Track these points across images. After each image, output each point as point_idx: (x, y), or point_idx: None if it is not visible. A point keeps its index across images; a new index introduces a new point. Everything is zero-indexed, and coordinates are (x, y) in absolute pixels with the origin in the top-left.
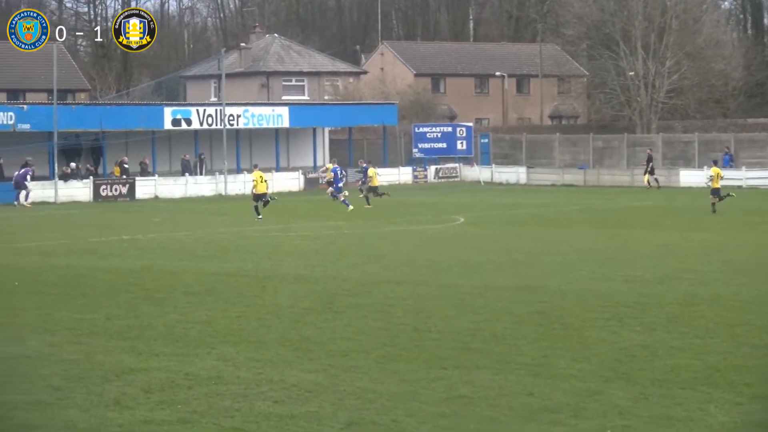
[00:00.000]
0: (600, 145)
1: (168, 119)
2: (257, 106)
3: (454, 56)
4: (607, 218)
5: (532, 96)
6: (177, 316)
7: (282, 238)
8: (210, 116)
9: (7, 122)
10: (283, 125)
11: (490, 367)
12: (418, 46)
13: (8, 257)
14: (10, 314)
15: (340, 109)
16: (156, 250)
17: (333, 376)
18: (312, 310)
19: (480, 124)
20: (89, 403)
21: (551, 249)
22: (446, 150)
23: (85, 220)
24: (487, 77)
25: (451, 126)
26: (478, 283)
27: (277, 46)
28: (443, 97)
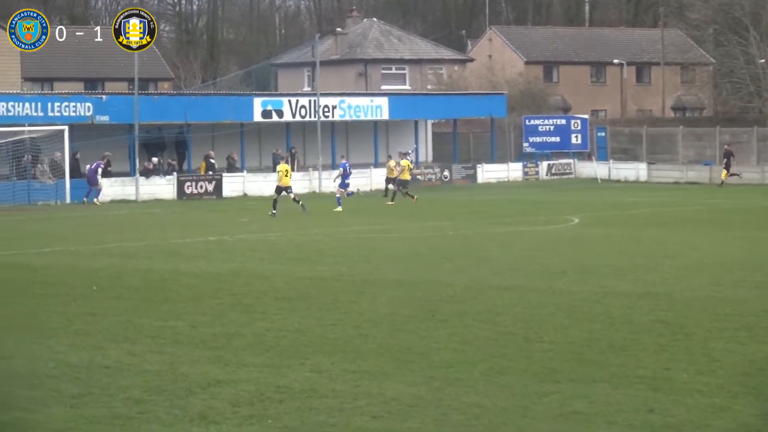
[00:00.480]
0: (727, 140)
1: (258, 110)
2: (354, 96)
3: (569, 42)
4: (736, 219)
5: (653, 86)
6: (267, 323)
7: (380, 240)
8: (303, 107)
9: (84, 113)
10: (382, 117)
11: (607, 381)
12: (529, 31)
13: (86, 260)
14: (88, 321)
15: (443, 99)
16: (244, 253)
17: (436, 389)
18: (413, 318)
19: (596, 117)
20: (172, 418)
21: (674, 252)
22: (559, 144)
23: (168, 219)
24: (604, 65)
25: (565, 118)
26: (594, 289)
27: (376, 32)
28: (556, 86)
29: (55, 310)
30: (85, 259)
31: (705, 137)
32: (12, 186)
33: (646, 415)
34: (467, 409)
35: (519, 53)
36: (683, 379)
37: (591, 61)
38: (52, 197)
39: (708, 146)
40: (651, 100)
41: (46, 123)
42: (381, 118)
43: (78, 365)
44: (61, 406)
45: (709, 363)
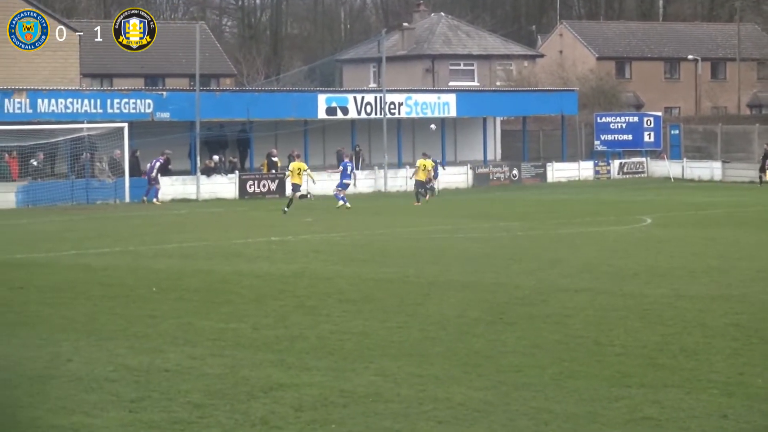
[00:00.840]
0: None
1: (322, 107)
2: (421, 93)
3: (641, 37)
4: None
5: (728, 82)
6: (331, 326)
7: (448, 240)
8: (368, 104)
9: (144, 110)
10: (449, 114)
11: (680, 386)
12: (600, 26)
13: (145, 261)
14: (148, 323)
15: (513, 96)
16: (308, 254)
17: (504, 394)
18: (481, 321)
19: (670, 114)
20: (233, 422)
21: (749, 254)
22: (632, 142)
23: (229, 219)
24: (678, 61)
25: (638, 116)
26: (666, 291)
27: (444, 27)
28: (629, 83)
29: (114, 312)
30: (145, 260)
31: None
32: (71, 184)
33: (719, 420)
34: (536, 414)
35: (590, 49)
36: (758, 384)
37: (664, 56)
38: (111, 196)
39: None
40: (726, 97)
41: (106, 120)
42: (449, 115)
43: (137, 368)
44: (120, 410)
45: None
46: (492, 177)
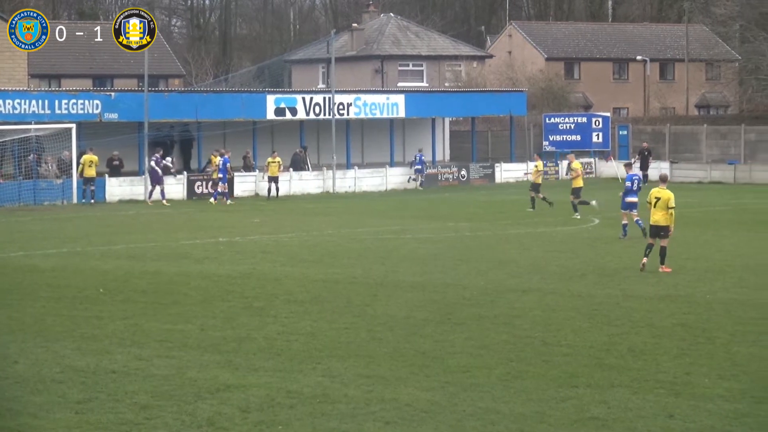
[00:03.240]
0: (753, 138)
1: (271, 108)
2: (370, 93)
3: (591, 38)
4: (761, 219)
5: (676, 83)
6: (279, 327)
7: (396, 241)
8: (317, 105)
9: (93, 111)
10: (398, 115)
11: (627, 386)
12: (550, 27)
13: (93, 262)
14: (95, 325)
15: (462, 97)
16: (256, 254)
17: (451, 394)
18: (429, 322)
19: (618, 115)
20: (180, 424)
21: (696, 254)
22: (580, 143)
23: (178, 220)
24: (627, 62)
25: (586, 116)
26: (614, 291)
27: (393, 27)
28: (577, 83)
29: (62, 314)
30: (93, 261)
31: (730, 136)
32: (18, 185)
33: (665, 420)
34: (483, 414)
35: (540, 49)
36: (704, 384)
37: (613, 57)
38: (59, 197)
39: (733, 145)
40: (674, 98)
41: (54, 121)
42: (398, 116)
43: (84, 370)
44: (67, 411)
45: (731, 367)
46: (441, 177)
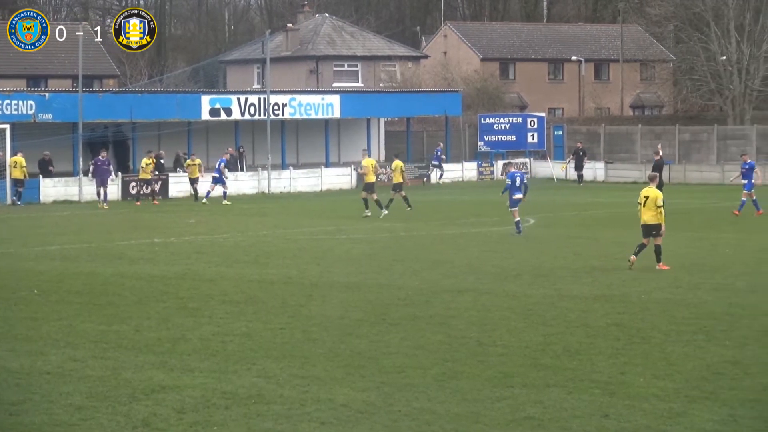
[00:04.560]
0: (687, 138)
1: (206, 109)
2: (305, 94)
3: (526, 38)
4: (695, 219)
5: (611, 83)
6: (214, 327)
7: (331, 242)
8: (252, 105)
9: (27, 112)
10: (333, 115)
11: (562, 386)
12: (485, 27)
13: (27, 263)
14: (29, 326)
15: (397, 97)
16: (191, 255)
17: (387, 395)
18: (364, 322)
19: (553, 115)
20: (115, 425)
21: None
22: (515, 143)
23: (112, 220)
24: (562, 62)
25: (521, 116)
26: (549, 291)
27: (328, 28)
28: (513, 84)
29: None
30: (27, 262)
31: (664, 136)
32: None
33: (600, 420)
34: (418, 415)
35: (475, 50)
36: (639, 384)
37: (548, 57)
38: None
39: (667, 145)
40: (609, 98)
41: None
42: (333, 116)
43: (18, 371)
44: (1, 413)
45: (666, 367)
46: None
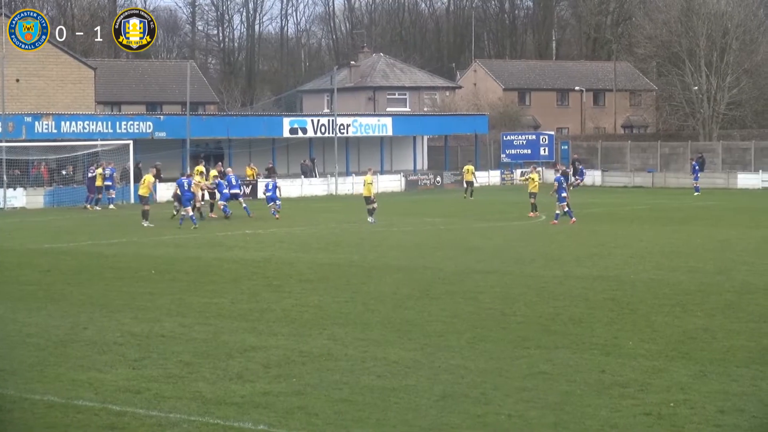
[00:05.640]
0: (667, 152)
1: (286, 128)
2: (365, 116)
3: (539, 73)
4: (673, 216)
5: (607, 108)
6: (293, 300)
7: (386, 233)
8: (323, 125)
9: (146, 130)
10: (387, 134)
11: (568, 347)
12: (506, 63)
13: (147, 249)
14: (148, 299)
15: (437, 119)
16: (275, 243)
17: (429, 354)
18: (411, 297)
19: (561, 133)
20: (215, 377)
21: (623, 243)
22: (530, 155)
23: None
24: (568, 91)
25: (535, 134)
26: (558, 273)
27: (383, 64)
28: (528, 108)
29: (122, 290)
30: (146, 248)
31: (648, 150)
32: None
33: (598, 375)
34: (454, 369)
35: (498, 81)
36: (629, 346)
37: (557, 88)
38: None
39: (651, 157)
40: (605, 120)
41: (115, 138)
42: (386, 134)
43: (139, 334)
44: (126, 367)
45: (650, 333)
46: (420, 183)
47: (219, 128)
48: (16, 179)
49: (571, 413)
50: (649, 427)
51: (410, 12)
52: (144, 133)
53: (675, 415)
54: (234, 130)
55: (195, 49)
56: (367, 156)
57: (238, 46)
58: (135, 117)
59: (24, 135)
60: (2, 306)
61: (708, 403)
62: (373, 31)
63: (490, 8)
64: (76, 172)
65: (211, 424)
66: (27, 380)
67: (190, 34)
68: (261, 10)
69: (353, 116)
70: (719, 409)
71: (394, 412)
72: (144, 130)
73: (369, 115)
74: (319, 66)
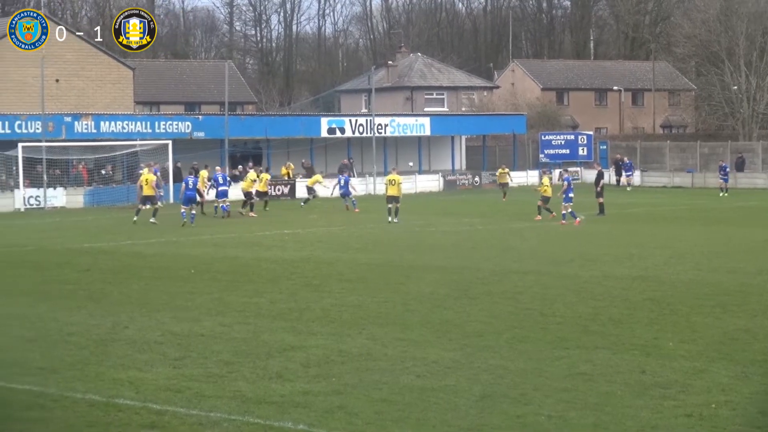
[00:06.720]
0: (706, 152)
1: (324, 128)
2: (402, 116)
3: (577, 72)
4: (713, 216)
5: (645, 108)
6: (332, 300)
7: (423, 233)
8: (361, 125)
9: (184, 130)
10: (424, 133)
11: (608, 348)
12: (544, 63)
13: (185, 249)
14: (187, 298)
15: (475, 119)
16: (313, 243)
17: (469, 354)
18: (450, 297)
19: (599, 133)
20: (255, 376)
21: (662, 243)
22: (569, 155)
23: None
24: (606, 91)
25: (574, 134)
26: (597, 273)
27: (420, 64)
28: (566, 108)
29: (161, 289)
30: (185, 248)
31: (688, 150)
32: (126, 189)
33: (639, 375)
34: (494, 370)
35: (536, 81)
36: (669, 347)
37: (595, 87)
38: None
39: (690, 157)
40: (644, 120)
41: (154, 138)
42: (424, 134)
43: (179, 333)
44: (166, 366)
45: (691, 333)
46: (458, 183)
47: (257, 128)
48: (56, 179)
49: (611, 414)
50: (690, 428)
51: (447, 12)
52: (183, 133)
53: (716, 417)
54: (272, 130)
55: (233, 49)
56: (405, 156)
57: (276, 46)
58: (174, 117)
59: (63, 135)
60: (43, 305)
61: (750, 405)
62: (411, 30)
63: (527, 8)
64: (115, 172)
65: (251, 423)
66: (68, 379)
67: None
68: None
69: (391, 116)
70: (761, 411)
71: (434, 412)
72: (183, 130)
73: (407, 115)
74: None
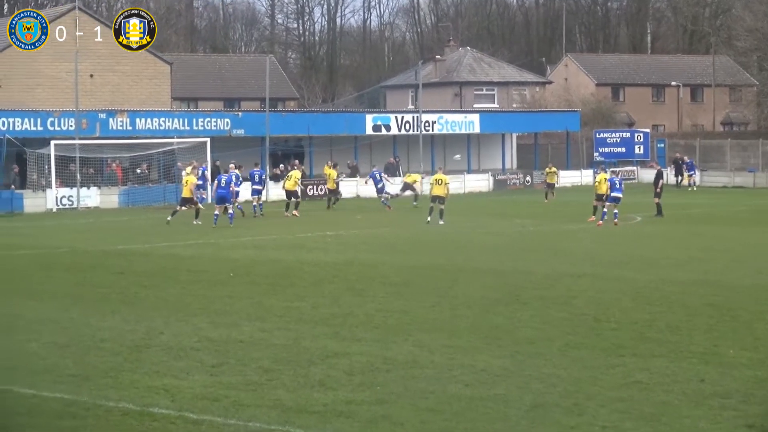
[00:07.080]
0: None
1: (369, 125)
2: (451, 113)
3: (633, 67)
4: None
5: (705, 104)
6: (376, 305)
7: (473, 235)
8: (407, 122)
9: (223, 128)
10: (474, 131)
11: (665, 356)
12: (599, 57)
13: (224, 251)
14: (226, 302)
15: (526, 116)
16: (358, 245)
17: (519, 361)
18: (500, 301)
19: (656, 130)
20: (296, 384)
21: (723, 246)
22: (625, 154)
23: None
24: (663, 87)
25: (630, 132)
26: (654, 277)
27: (470, 58)
28: (622, 105)
29: (198, 293)
30: (224, 251)
31: (749, 148)
32: (163, 188)
33: (697, 384)
34: (546, 378)
35: (591, 77)
36: (730, 355)
37: (652, 83)
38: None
39: (752, 156)
40: (703, 117)
41: (191, 136)
42: (473, 131)
43: (217, 340)
44: (203, 374)
45: (752, 341)
46: (509, 182)
47: (299, 125)
48: (90, 178)
49: (668, 425)
50: None
51: (498, 4)
52: (221, 131)
53: None
54: (315, 127)
55: (274, 43)
56: (454, 154)
57: (319, 39)
58: (212, 113)
59: (98, 132)
60: (75, 309)
61: None
62: (460, 24)
63: (581, 0)
64: (151, 171)
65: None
66: (101, 386)
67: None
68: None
69: (439, 113)
70: None
71: (483, 422)
72: (221, 127)
73: (455, 112)
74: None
